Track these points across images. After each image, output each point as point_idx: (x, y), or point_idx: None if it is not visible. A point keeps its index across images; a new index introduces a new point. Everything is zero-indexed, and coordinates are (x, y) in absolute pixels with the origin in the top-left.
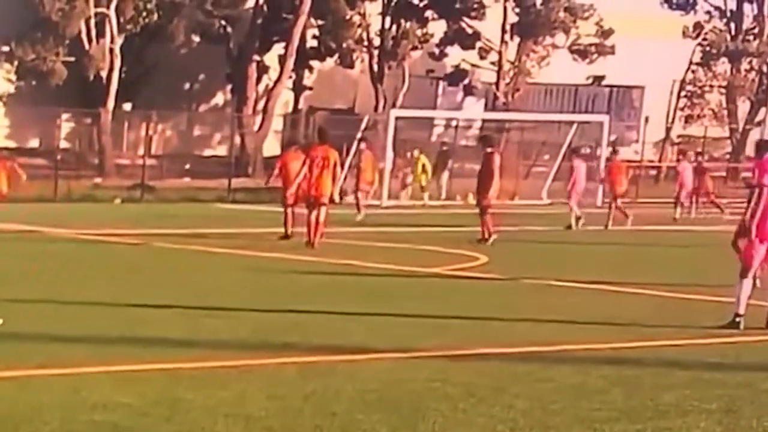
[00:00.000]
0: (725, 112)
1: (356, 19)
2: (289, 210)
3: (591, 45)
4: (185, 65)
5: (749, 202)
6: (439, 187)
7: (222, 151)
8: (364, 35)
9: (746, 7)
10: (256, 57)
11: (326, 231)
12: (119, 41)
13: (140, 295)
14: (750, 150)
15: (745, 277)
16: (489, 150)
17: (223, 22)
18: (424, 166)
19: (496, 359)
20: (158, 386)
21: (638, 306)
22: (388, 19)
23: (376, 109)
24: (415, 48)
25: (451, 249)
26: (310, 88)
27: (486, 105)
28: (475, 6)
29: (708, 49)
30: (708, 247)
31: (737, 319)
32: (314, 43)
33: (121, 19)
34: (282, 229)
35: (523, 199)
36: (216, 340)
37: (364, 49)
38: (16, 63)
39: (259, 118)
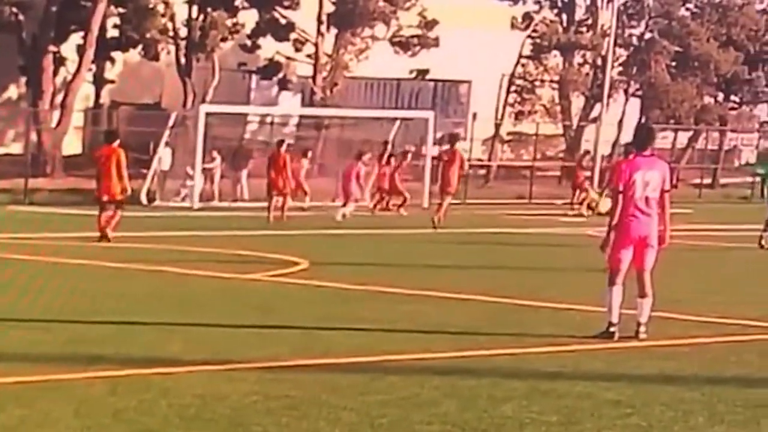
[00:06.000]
0: (558, 108)
1: (160, 8)
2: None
3: (413, 37)
4: None
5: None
6: (240, 187)
7: (17, 148)
8: (170, 25)
9: None
10: (52, 47)
11: (139, 236)
12: None
13: None
14: (586, 147)
15: (614, 284)
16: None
17: (14, 9)
18: None
19: (319, 371)
20: None
21: (471, 313)
22: (195, 8)
23: (184, 104)
24: (224, 39)
25: (271, 253)
26: (113, 81)
27: (303, 100)
28: None
29: (538, 41)
30: (541, 249)
31: (611, 329)
32: (116, 33)
33: None
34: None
35: None
36: (19, 354)
37: (170, 40)
38: None
39: (57, 114)
